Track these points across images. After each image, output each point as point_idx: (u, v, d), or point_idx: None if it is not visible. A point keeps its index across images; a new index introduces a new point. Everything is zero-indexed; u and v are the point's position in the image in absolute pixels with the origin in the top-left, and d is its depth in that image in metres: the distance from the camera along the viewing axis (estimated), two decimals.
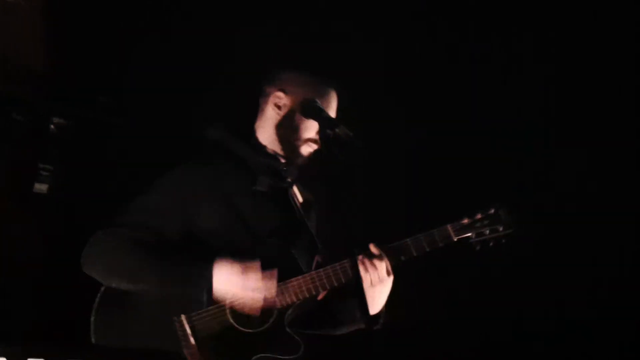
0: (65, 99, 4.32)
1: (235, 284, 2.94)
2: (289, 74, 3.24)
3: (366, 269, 3.05)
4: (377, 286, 3.07)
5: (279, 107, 3.21)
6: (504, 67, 4.56)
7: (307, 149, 3.20)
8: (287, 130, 3.20)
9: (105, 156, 4.33)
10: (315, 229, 3.26)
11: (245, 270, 2.94)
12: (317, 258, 3.14)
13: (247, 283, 2.94)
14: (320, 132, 3.03)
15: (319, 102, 3.08)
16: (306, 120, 3.14)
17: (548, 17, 4.53)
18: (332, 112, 3.20)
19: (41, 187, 4.20)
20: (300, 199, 3.30)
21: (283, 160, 3.24)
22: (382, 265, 3.06)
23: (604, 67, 4.48)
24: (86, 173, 4.36)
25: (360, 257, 3.06)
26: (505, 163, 4.41)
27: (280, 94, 3.22)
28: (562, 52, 4.54)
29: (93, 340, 2.97)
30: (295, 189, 3.30)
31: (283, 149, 3.22)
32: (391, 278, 3.10)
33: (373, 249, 3.09)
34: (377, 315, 3.16)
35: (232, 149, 3.20)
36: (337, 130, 2.85)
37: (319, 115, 3.00)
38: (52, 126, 4.24)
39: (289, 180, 3.26)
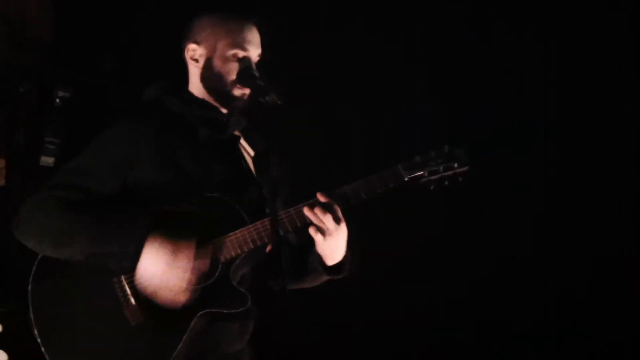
0: (70, 67, 4.39)
1: (162, 270, 2.83)
2: (198, 23, 3.14)
3: (313, 223, 2.92)
4: (330, 238, 2.93)
5: (196, 60, 3.13)
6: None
7: (239, 91, 3.07)
8: (211, 80, 3.10)
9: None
10: (265, 182, 3.12)
11: (174, 255, 2.83)
12: (267, 210, 3.01)
13: (173, 272, 2.83)
14: (253, 99, 2.97)
15: (255, 69, 3.01)
16: (227, 63, 3.06)
17: None
18: (256, 46, 3.10)
19: (48, 160, 4.30)
20: (251, 152, 3.19)
21: (224, 111, 3.13)
22: (329, 217, 2.90)
23: None
24: None
25: (306, 208, 2.92)
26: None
27: (193, 45, 3.13)
28: None
29: (30, 309, 2.90)
30: (243, 141, 3.19)
31: (217, 99, 3.12)
32: (343, 225, 2.94)
33: (320, 197, 2.93)
34: (341, 264, 3.04)
35: (169, 106, 3.11)
36: (267, 97, 2.81)
37: (253, 82, 2.94)
38: (57, 100, 4.30)
39: (236, 133, 3.16)
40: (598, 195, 4.43)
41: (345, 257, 3.04)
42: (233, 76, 3.05)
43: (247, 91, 3.05)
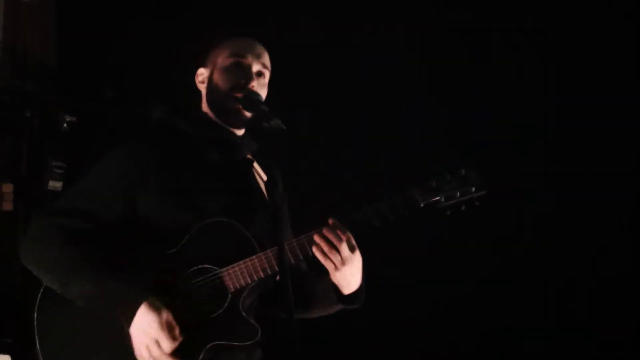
0: (74, 94, 4.38)
1: (148, 334, 2.74)
2: (210, 49, 3.12)
3: (325, 255, 2.81)
4: (343, 268, 2.82)
5: (202, 82, 3.11)
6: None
7: (231, 104, 2.99)
8: (211, 93, 3.06)
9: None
10: (275, 207, 2.95)
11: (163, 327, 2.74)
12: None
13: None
14: (258, 124, 2.91)
15: (260, 95, 2.94)
16: (224, 72, 3.02)
17: None
18: (256, 55, 3.04)
19: (56, 185, 4.27)
20: (264, 176, 3.10)
21: (239, 134, 3.07)
22: (344, 245, 2.80)
23: None
24: None
25: (315, 236, 2.82)
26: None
27: (201, 69, 3.12)
28: None
29: (37, 339, 2.81)
30: (256, 165, 3.11)
31: (217, 115, 3.05)
32: (358, 252, 2.84)
33: (333, 223, 2.83)
34: (357, 293, 2.93)
35: (179, 127, 3.04)
36: (271, 122, 2.77)
37: (257, 107, 2.88)
38: (64, 125, 4.28)
39: (248, 156, 3.09)
40: (598, 196, 4.35)
41: (360, 286, 2.94)
42: (229, 84, 3.00)
43: (238, 102, 2.97)
